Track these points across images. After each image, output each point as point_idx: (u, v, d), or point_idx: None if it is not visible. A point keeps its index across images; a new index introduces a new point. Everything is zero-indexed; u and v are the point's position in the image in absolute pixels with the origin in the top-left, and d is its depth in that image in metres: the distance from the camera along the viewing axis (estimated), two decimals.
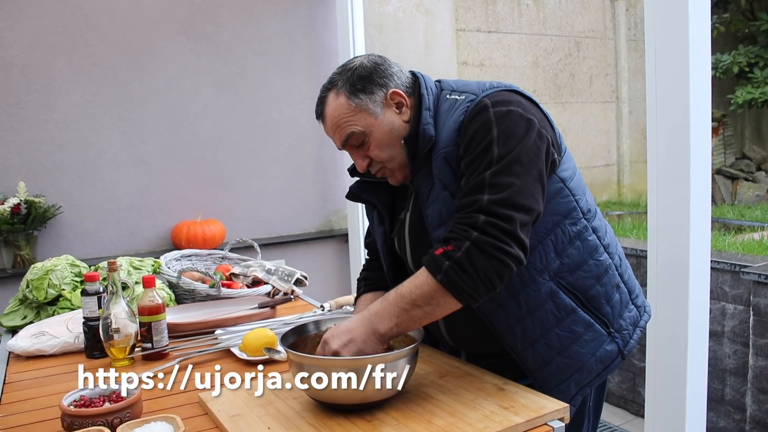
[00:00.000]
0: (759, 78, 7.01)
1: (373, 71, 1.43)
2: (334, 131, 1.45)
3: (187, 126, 3.76)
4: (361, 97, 1.41)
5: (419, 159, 1.41)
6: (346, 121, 1.42)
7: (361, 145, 1.44)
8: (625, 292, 1.50)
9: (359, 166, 1.48)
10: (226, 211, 3.89)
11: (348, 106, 1.41)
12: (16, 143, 3.33)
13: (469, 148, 1.32)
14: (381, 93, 1.42)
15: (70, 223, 3.48)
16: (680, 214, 2.00)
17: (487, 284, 1.24)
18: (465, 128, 1.35)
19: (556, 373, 1.42)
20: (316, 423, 1.23)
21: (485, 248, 1.23)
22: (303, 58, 4.11)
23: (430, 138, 1.39)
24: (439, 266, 1.25)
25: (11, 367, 1.74)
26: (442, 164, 1.38)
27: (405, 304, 1.28)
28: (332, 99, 1.43)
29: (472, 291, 1.24)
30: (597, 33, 6.61)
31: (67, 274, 2.11)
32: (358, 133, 1.42)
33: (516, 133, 1.31)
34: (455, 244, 1.25)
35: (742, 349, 3.17)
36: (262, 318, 2.02)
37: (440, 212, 1.38)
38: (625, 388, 3.78)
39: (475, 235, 1.24)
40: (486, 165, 1.29)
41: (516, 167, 1.28)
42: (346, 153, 1.49)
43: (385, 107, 1.43)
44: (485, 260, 1.23)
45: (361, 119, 1.41)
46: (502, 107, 1.33)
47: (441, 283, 1.24)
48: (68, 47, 3.41)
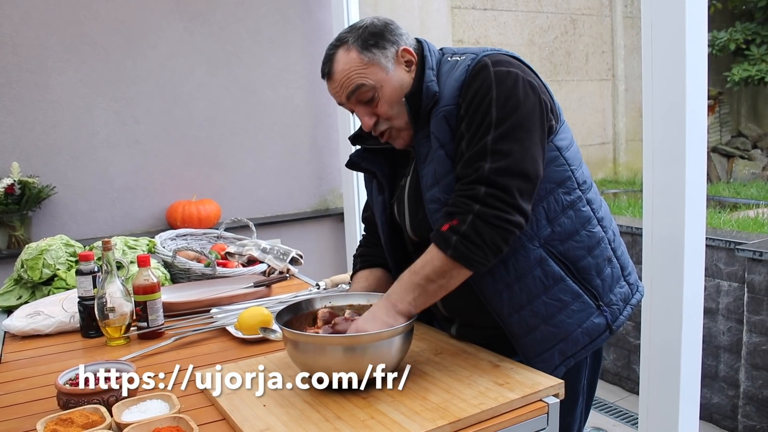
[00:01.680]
0: (756, 55, 6.98)
1: (384, 29, 1.43)
2: (341, 85, 1.43)
3: (181, 105, 3.74)
4: (373, 52, 1.40)
5: (421, 119, 1.41)
6: (357, 73, 1.40)
7: (370, 102, 1.43)
8: (617, 267, 1.50)
9: (366, 124, 1.46)
10: (221, 191, 3.88)
11: (360, 60, 1.40)
12: (9, 123, 3.30)
13: (469, 108, 1.33)
14: (393, 49, 1.42)
15: (65, 203, 3.47)
16: (676, 192, 2.00)
17: (494, 250, 1.29)
18: (466, 87, 1.35)
19: (540, 341, 1.42)
20: (311, 400, 1.23)
21: (489, 219, 1.27)
22: (297, 37, 4.07)
23: (433, 94, 1.39)
24: (448, 241, 1.28)
25: (7, 346, 1.74)
26: (440, 122, 1.38)
27: (420, 279, 1.31)
28: (342, 54, 1.42)
29: (481, 259, 1.29)
30: (593, 10, 6.56)
31: (61, 254, 2.11)
32: (369, 87, 1.41)
33: (515, 95, 1.31)
34: (460, 218, 1.28)
35: (737, 326, 3.19)
36: (258, 297, 2.02)
37: (435, 171, 1.39)
38: (620, 366, 3.81)
39: (477, 208, 1.27)
40: (486, 128, 1.30)
41: (518, 132, 1.30)
42: (341, 131, 1.48)
43: (396, 64, 1.43)
44: (491, 230, 1.27)
45: (373, 73, 1.41)
46: (503, 67, 1.34)
47: (452, 258, 1.28)
48: (60, 26, 3.37)
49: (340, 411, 1.18)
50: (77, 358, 1.63)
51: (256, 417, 1.18)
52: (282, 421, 1.16)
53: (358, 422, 1.14)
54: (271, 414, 1.19)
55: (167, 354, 1.62)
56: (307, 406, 1.22)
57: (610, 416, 3.44)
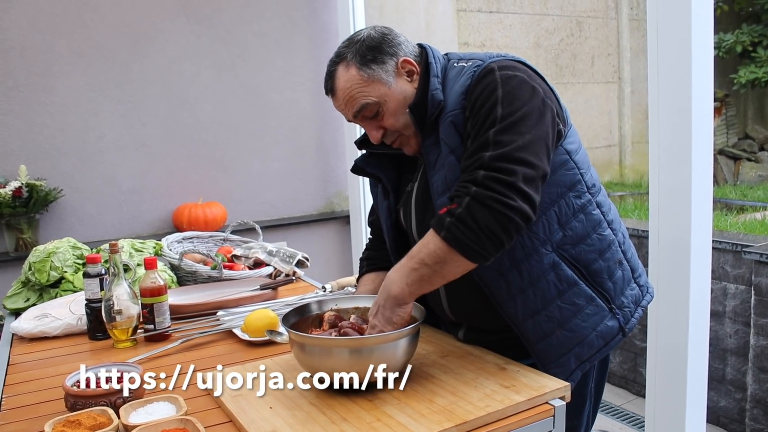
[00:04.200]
0: (762, 57, 6.96)
1: (381, 41, 1.42)
2: (346, 104, 1.43)
3: (187, 108, 3.75)
4: (372, 68, 1.40)
5: (428, 126, 1.41)
6: (359, 92, 1.40)
7: (375, 116, 1.43)
8: (627, 270, 1.50)
9: (373, 137, 1.46)
10: (228, 194, 3.89)
11: (360, 77, 1.40)
12: (17, 127, 3.32)
13: (474, 108, 1.32)
14: (392, 62, 1.42)
15: (72, 206, 3.48)
16: (682, 194, 2.00)
17: (491, 238, 1.22)
18: (471, 90, 1.35)
19: (555, 347, 1.42)
20: (317, 402, 1.24)
21: (485, 201, 1.22)
22: (303, 39, 4.08)
23: (438, 103, 1.38)
24: (442, 223, 1.25)
25: (15, 348, 1.75)
26: (449, 128, 1.37)
27: (414, 263, 1.28)
28: (342, 72, 1.42)
29: (476, 246, 1.23)
30: (599, 12, 6.56)
31: (69, 257, 2.12)
32: (372, 104, 1.41)
33: (521, 96, 1.31)
34: (458, 201, 1.25)
35: (743, 328, 3.17)
36: (264, 299, 2.02)
37: (446, 178, 1.38)
38: (627, 368, 3.80)
39: (474, 189, 1.23)
40: (490, 124, 1.29)
41: (520, 126, 1.28)
42: (347, 134, 1.49)
43: (397, 76, 1.42)
44: (487, 213, 1.21)
45: (374, 89, 1.40)
46: (509, 71, 1.34)
47: (445, 240, 1.24)
48: (67, 29, 3.39)
49: (347, 413, 1.19)
50: (84, 360, 1.64)
51: (263, 419, 1.18)
52: (288, 423, 1.16)
53: (364, 424, 1.14)
54: (278, 416, 1.19)
55: (174, 356, 1.62)
56: (314, 408, 1.22)
57: (616, 419, 3.43)
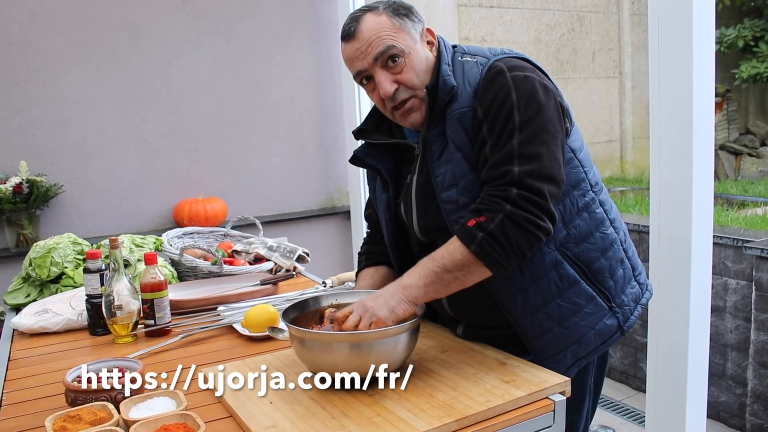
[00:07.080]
0: (764, 52, 6.94)
1: (411, 8, 1.44)
2: (370, 44, 1.38)
3: (187, 104, 3.74)
4: (405, 20, 1.40)
5: (435, 113, 1.40)
6: (387, 35, 1.38)
7: (395, 66, 1.39)
8: (628, 268, 1.50)
9: (386, 90, 1.40)
10: (228, 189, 3.89)
11: (392, 23, 1.39)
12: (17, 122, 3.32)
13: (489, 113, 1.32)
14: (420, 26, 1.43)
15: (72, 202, 3.48)
16: (683, 189, 1.99)
17: (519, 255, 1.28)
18: (482, 92, 1.35)
19: (553, 343, 1.42)
20: (318, 397, 1.24)
21: (519, 221, 1.25)
22: (304, 34, 4.07)
23: (450, 88, 1.38)
24: (473, 237, 1.26)
25: (15, 344, 1.75)
26: (455, 125, 1.37)
27: (436, 267, 1.29)
28: (372, 17, 1.40)
29: (503, 261, 1.27)
30: (600, 7, 6.54)
31: (69, 252, 2.12)
32: (399, 50, 1.38)
33: (536, 99, 1.31)
34: (488, 216, 1.26)
35: (744, 324, 3.17)
36: (265, 294, 2.02)
37: (454, 173, 1.37)
38: (627, 364, 3.80)
39: (508, 208, 1.25)
40: (510, 132, 1.29)
41: (543, 136, 1.29)
42: (348, 129, 1.48)
43: (421, 40, 1.43)
44: (519, 233, 1.25)
45: (403, 39, 1.39)
46: (519, 72, 1.34)
47: (474, 254, 1.26)
48: (67, 25, 3.39)
49: (347, 408, 1.19)
50: (85, 355, 1.64)
51: (263, 414, 1.18)
52: (288, 418, 1.16)
53: (364, 419, 1.14)
54: (278, 411, 1.19)
55: (174, 351, 1.62)
56: (314, 403, 1.22)
57: (616, 414, 3.43)
